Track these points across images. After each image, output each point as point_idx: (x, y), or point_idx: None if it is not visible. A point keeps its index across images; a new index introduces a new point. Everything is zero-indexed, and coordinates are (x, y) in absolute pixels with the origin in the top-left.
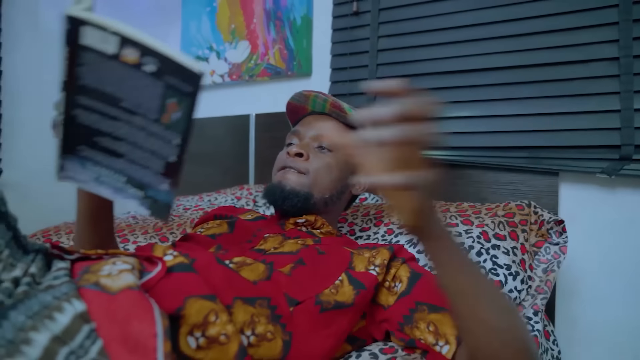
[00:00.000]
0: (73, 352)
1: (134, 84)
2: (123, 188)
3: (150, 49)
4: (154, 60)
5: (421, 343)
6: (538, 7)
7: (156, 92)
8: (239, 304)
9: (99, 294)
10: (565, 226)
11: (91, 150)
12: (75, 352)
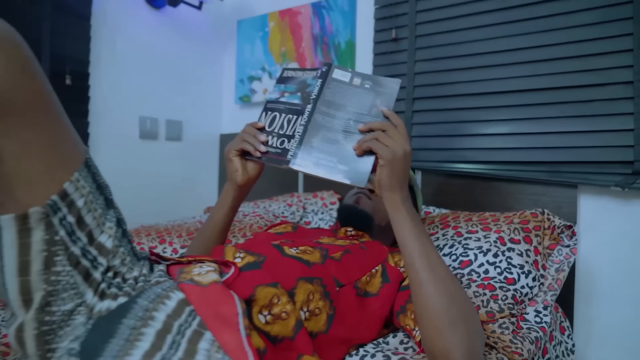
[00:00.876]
0: (181, 324)
1: (356, 96)
2: (334, 167)
3: (368, 77)
4: (369, 82)
5: (407, 329)
6: (560, 35)
7: (369, 98)
8: (301, 283)
9: (193, 287)
10: (574, 230)
11: (319, 142)
12: (182, 324)
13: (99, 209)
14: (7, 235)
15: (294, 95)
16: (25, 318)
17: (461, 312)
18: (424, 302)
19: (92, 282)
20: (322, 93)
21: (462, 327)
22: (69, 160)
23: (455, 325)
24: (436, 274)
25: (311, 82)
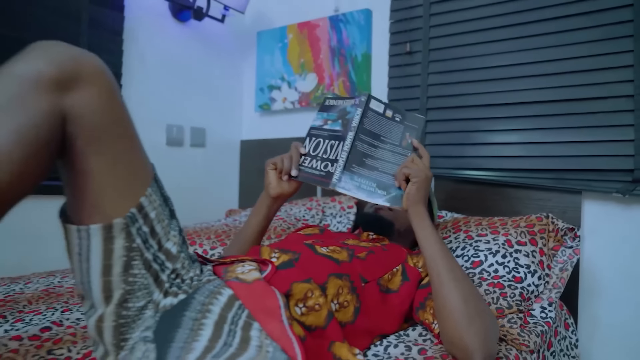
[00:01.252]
0: (234, 316)
1: (389, 127)
2: (374, 191)
3: (398, 109)
4: (399, 115)
5: (426, 323)
6: (566, 50)
7: (400, 130)
8: (331, 279)
9: (239, 284)
10: (577, 232)
11: (359, 167)
12: (234, 316)
13: (165, 220)
14: (94, 242)
15: (335, 122)
16: (105, 311)
17: (477, 308)
18: (443, 300)
19: (160, 282)
20: (362, 122)
21: (478, 321)
22: (143, 176)
23: (472, 320)
24: (454, 275)
25: (350, 109)
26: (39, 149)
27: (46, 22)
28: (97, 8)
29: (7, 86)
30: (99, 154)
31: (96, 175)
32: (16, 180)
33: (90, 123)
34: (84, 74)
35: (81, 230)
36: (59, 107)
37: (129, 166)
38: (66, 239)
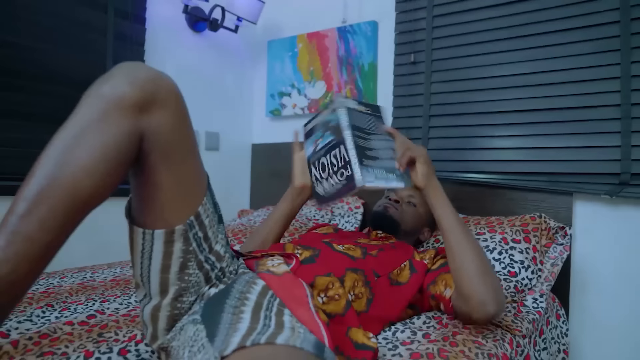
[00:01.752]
0: (268, 303)
1: (367, 119)
2: (386, 177)
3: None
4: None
5: (437, 294)
6: (559, 62)
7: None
8: (348, 273)
9: (271, 276)
10: (567, 231)
11: (368, 160)
12: (268, 303)
13: (215, 225)
14: (156, 244)
15: (325, 136)
16: (162, 303)
17: (487, 267)
18: (461, 260)
19: (209, 280)
20: (351, 121)
21: (490, 277)
22: (200, 187)
23: (486, 276)
24: (469, 239)
25: (331, 117)
26: (119, 164)
27: (76, 36)
28: (121, 21)
29: (95, 107)
30: (169, 169)
31: (165, 188)
32: (100, 190)
33: (164, 141)
34: (161, 96)
35: (146, 233)
36: (138, 126)
37: (191, 179)
38: (130, 237)
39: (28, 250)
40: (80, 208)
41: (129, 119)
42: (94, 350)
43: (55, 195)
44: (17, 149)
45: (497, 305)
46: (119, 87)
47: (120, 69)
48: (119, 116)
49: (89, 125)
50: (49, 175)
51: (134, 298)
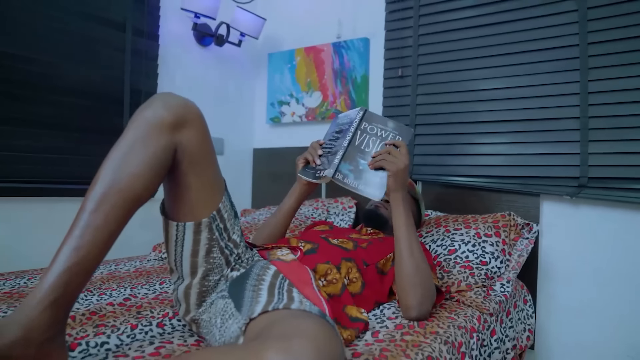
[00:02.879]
0: (279, 283)
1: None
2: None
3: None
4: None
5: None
6: (528, 79)
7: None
8: (343, 262)
9: (281, 263)
10: (532, 227)
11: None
12: (280, 283)
13: (232, 219)
14: (187, 234)
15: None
16: (192, 282)
17: (422, 280)
18: (400, 269)
19: (229, 263)
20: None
21: (420, 289)
22: (220, 189)
23: (416, 287)
24: (412, 253)
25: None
26: (159, 170)
27: (98, 53)
28: (137, 39)
29: (140, 128)
30: (196, 174)
31: (193, 189)
32: (147, 191)
33: (192, 152)
34: (189, 118)
35: (179, 225)
36: (173, 142)
37: (213, 182)
38: (165, 229)
39: (97, 238)
40: (133, 205)
41: (166, 136)
42: (137, 324)
43: (115, 195)
44: (46, 155)
45: (419, 313)
46: (157, 112)
47: (158, 98)
48: (158, 134)
49: (136, 142)
50: (109, 181)
51: (158, 285)
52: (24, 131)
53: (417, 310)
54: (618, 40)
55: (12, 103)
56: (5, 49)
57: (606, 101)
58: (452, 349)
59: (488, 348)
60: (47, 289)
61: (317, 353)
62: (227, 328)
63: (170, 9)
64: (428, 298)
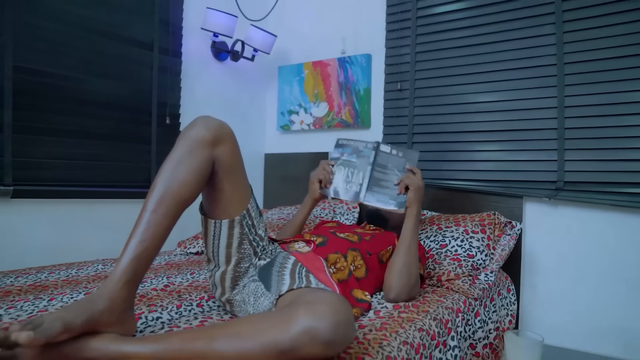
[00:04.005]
0: (299, 269)
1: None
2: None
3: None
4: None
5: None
6: (513, 93)
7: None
8: (349, 251)
9: (299, 254)
10: (513, 224)
11: (378, 188)
12: (299, 270)
13: (258, 217)
14: (223, 229)
15: (351, 155)
16: (227, 269)
17: (408, 272)
18: (393, 261)
19: (256, 253)
20: (376, 160)
21: (404, 279)
22: (248, 192)
23: (402, 277)
24: (408, 252)
25: (363, 149)
26: (202, 178)
27: (131, 71)
28: (163, 57)
29: (186, 144)
30: (229, 181)
31: (227, 193)
32: (193, 195)
33: (226, 163)
34: (224, 135)
35: (216, 222)
36: (212, 155)
37: (242, 188)
38: (205, 226)
39: (156, 232)
40: (182, 206)
41: (206, 151)
42: (180, 304)
43: (169, 199)
44: (88, 161)
45: (397, 295)
46: (199, 132)
47: (199, 120)
48: (201, 150)
49: (184, 156)
50: (164, 187)
51: (189, 275)
52: (68, 141)
53: (396, 294)
54: (590, 61)
55: (59, 117)
56: (55, 70)
57: (580, 114)
58: (440, 324)
59: (472, 327)
60: (121, 272)
61: (335, 314)
62: (260, 304)
63: (191, 29)
64: (407, 287)
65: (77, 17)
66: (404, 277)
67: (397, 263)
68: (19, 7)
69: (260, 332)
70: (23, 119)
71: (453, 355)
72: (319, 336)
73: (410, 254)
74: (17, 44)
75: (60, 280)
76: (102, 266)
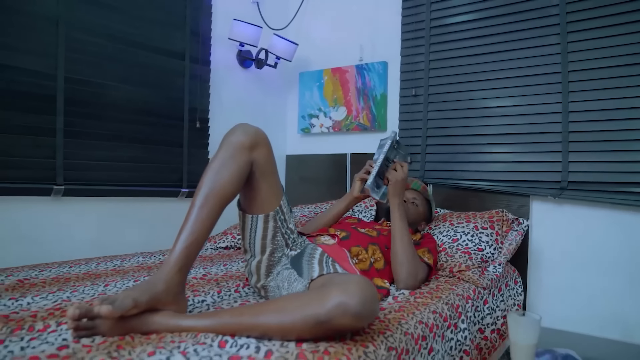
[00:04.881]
0: (326, 259)
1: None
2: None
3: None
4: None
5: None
6: (523, 99)
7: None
8: (370, 245)
9: (325, 245)
10: (520, 221)
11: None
12: (326, 260)
13: (288, 212)
14: (259, 223)
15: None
16: (262, 258)
17: (408, 261)
18: (394, 251)
19: (288, 244)
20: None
21: (405, 267)
22: (280, 191)
23: (403, 265)
24: (403, 241)
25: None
26: (241, 179)
27: (165, 79)
28: (194, 65)
29: (228, 149)
30: (265, 181)
31: (262, 191)
32: (234, 193)
33: (262, 164)
34: (260, 140)
35: (253, 217)
36: (250, 158)
37: (276, 187)
38: (242, 220)
39: (204, 225)
40: (225, 203)
41: (245, 154)
42: (220, 290)
43: (214, 196)
44: (128, 163)
45: (406, 283)
46: (239, 138)
47: (238, 127)
48: (240, 153)
49: (226, 159)
50: (209, 186)
51: (222, 266)
52: (111, 145)
53: (404, 283)
54: (593, 69)
55: (103, 123)
56: (100, 80)
57: (583, 119)
58: (451, 308)
59: (481, 313)
60: (175, 259)
61: (363, 292)
62: (293, 288)
63: (219, 40)
64: (411, 276)
65: (118, 32)
66: (404, 265)
67: (395, 255)
68: (69, 25)
69: (300, 307)
70: (73, 125)
71: (463, 337)
72: (350, 310)
73: (404, 242)
74: (68, 58)
75: (109, 269)
76: (142, 258)
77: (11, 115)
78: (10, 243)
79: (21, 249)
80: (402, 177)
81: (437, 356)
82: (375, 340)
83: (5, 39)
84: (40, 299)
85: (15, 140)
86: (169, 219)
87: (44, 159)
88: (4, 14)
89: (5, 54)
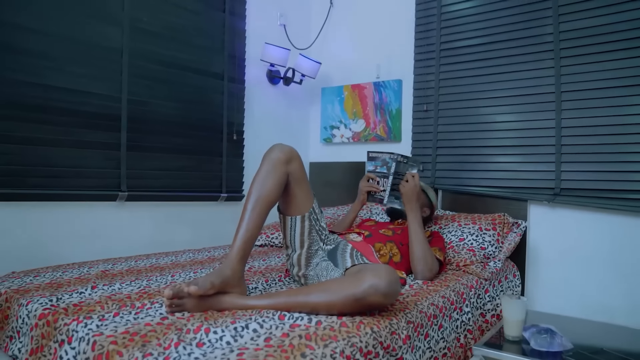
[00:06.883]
0: (355, 253)
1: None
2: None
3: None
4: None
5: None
6: (521, 115)
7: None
8: (388, 242)
9: (353, 242)
10: (519, 223)
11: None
12: (355, 253)
13: (320, 213)
14: (297, 223)
15: (382, 168)
16: (301, 252)
17: (425, 258)
18: (412, 250)
19: (322, 239)
20: (396, 169)
21: (422, 263)
22: (311, 195)
23: (419, 262)
24: (419, 241)
25: (389, 160)
26: (281, 187)
27: (207, 97)
28: (231, 84)
29: (269, 164)
30: (299, 188)
31: (298, 197)
32: (276, 199)
33: (297, 175)
34: (293, 156)
35: (292, 218)
36: (287, 170)
37: (308, 192)
38: (282, 221)
39: (255, 224)
40: (270, 206)
41: (283, 168)
42: (267, 279)
43: (261, 201)
44: (176, 172)
45: (422, 277)
46: (277, 154)
47: (276, 146)
48: (279, 167)
49: (268, 171)
50: (257, 194)
51: (262, 261)
52: (164, 156)
53: (422, 276)
54: (582, 90)
55: (158, 137)
56: (155, 100)
57: (574, 134)
58: (457, 294)
59: (482, 300)
60: (236, 252)
61: (390, 276)
62: (331, 276)
63: (252, 61)
64: (428, 270)
65: (169, 57)
66: (420, 261)
67: (414, 253)
68: (132, 54)
69: (341, 288)
70: (134, 139)
71: (467, 318)
72: (380, 289)
73: (420, 242)
74: (130, 82)
75: (169, 263)
76: (192, 254)
77: (84, 133)
78: (83, 241)
79: (92, 246)
80: (412, 186)
81: (446, 332)
82: (397, 315)
83: (80, 69)
84: (126, 285)
85: (88, 154)
86: (211, 219)
87: (111, 170)
88: (80, 47)
89: (80, 81)
